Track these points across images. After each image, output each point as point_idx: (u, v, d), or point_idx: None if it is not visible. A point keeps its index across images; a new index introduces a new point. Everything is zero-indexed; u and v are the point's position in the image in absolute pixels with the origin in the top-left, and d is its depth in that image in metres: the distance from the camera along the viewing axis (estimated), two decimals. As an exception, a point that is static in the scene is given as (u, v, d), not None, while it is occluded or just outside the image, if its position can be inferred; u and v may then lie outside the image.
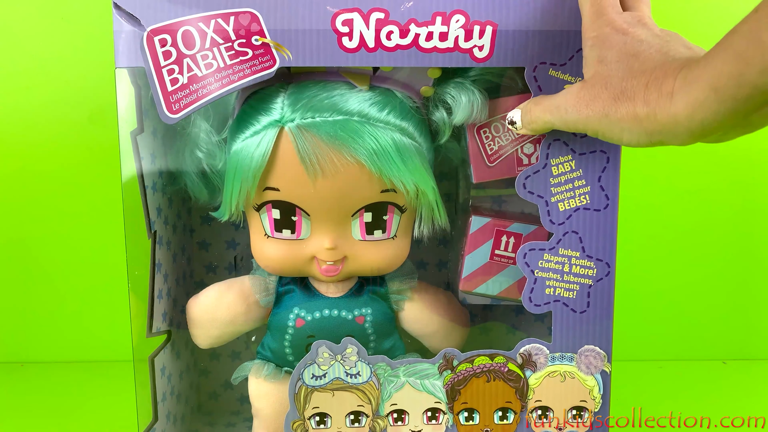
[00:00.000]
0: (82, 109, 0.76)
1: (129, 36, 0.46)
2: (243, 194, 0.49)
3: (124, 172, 0.49)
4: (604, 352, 0.51)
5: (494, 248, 0.54)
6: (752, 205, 0.80)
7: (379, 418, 0.52)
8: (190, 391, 0.64)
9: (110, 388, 0.72)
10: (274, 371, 0.54)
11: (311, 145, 0.47)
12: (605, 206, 0.49)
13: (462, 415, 0.52)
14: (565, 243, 0.50)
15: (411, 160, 0.49)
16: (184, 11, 0.45)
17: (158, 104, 0.46)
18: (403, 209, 0.51)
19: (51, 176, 0.77)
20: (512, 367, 0.51)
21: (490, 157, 0.52)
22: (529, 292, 0.50)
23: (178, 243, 0.59)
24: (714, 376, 0.77)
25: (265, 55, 0.46)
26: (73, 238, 0.78)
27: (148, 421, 0.52)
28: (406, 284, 0.55)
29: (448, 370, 0.51)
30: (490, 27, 0.46)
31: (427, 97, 0.52)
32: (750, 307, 0.82)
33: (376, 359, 0.51)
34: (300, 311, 0.53)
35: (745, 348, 0.82)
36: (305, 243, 0.51)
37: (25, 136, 0.77)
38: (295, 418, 0.51)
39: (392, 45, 0.46)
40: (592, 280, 0.50)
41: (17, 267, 0.79)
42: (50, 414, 0.68)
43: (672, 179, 0.79)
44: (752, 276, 0.81)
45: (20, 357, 0.80)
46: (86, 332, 0.80)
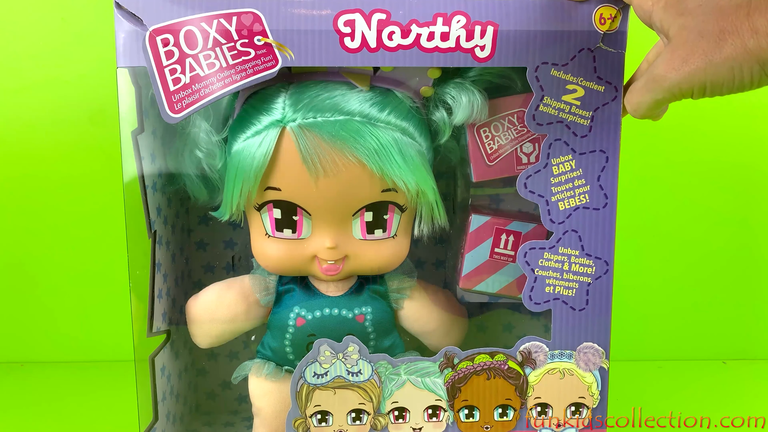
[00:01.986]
0: (83, 109, 0.76)
1: (130, 36, 0.46)
2: (244, 194, 0.50)
3: (125, 172, 0.49)
4: (602, 349, 0.51)
5: (494, 246, 0.54)
6: (752, 204, 0.80)
7: (380, 416, 0.52)
8: (189, 391, 0.64)
9: (110, 388, 0.72)
10: (274, 370, 0.54)
11: (313, 144, 0.47)
12: (604, 205, 0.50)
13: (462, 413, 0.52)
14: (565, 242, 0.50)
15: (412, 160, 0.49)
16: (186, 11, 0.46)
17: (160, 104, 0.46)
18: (403, 208, 0.51)
19: (51, 176, 0.77)
20: (512, 365, 0.51)
21: (490, 156, 0.53)
22: (529, 290, 0.50)
23: (176, 243, 0.59)
24: (714, 376, 0.77)
25: (267, 55, 0.46)
26: (73, 238, 0.78)
27: (149, 420, 0.52)
28: (405, 283, 0.55)
29: (449, 368, 0.51)
30: (491, 27, 0.46)
31: (427, 97, 0.52)
32: (750, 307, 0.82)
33: (377, 357, 0.51)
34: (300, 310, 0.53)
35: (745, 348, 0.82)
36: (306, 242, 0.51)
37: (25, 136, 0.77)
38: (297, 416, 0.51)
39: (394, 45, 0.46)
40: (591, 278, 0.50)
41: (17, 267, 0.79)
42: (50, 414, 0.68)
43: (671, 178, 0.79)
44: (752, 276, 0.81)
45: (20, 357, 0.80)
46: (86, 332, 0.80)
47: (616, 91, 0.48)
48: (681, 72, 0.39)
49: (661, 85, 0.40)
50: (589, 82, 0.48)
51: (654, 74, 0.40)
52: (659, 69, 0.40)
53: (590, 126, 0.48)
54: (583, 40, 0.47)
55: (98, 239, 0.78)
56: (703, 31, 0.37)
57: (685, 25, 0.38)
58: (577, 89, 0.48)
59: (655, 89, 0.41)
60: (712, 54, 0.37)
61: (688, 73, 0.38)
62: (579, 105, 0.48)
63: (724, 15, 0.37)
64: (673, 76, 0.39)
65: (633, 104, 0.43)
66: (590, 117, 0.48)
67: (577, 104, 0.48)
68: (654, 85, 0.41)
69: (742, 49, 0.36)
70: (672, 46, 0.39)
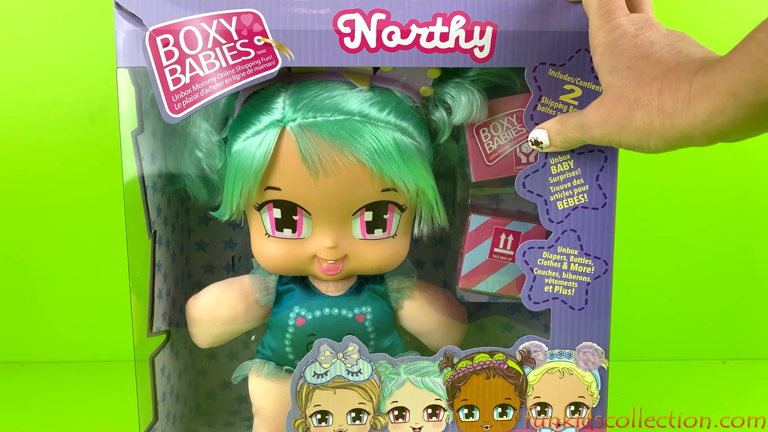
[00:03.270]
0: (83, 109, 0.76)
1: (130, 36, 0.46)
2: (244, 194, 0.50)
3: (125, 172, 0.49)
4: (601, 348, 0.51)
5: (493, 246, 0.54)
6: (752, 203, 0.80)
7: (380, 416, 0.52)
8: (189, 391, 0.64)
9: (110, 388, 0.72)
10: (274, 370, 0.54)
11: (313, 144, 0.47)
12: (603, 205, 0.50)
13: (462, 412, 0.52)
14: (564, 241, 0.50)
15: (411, 160, 0.49)
16: (186, 11, 0.46)
17: (160, 104, 0.46)
18: (403, 208, 0.51)
19: (51, 176, 0.77)
20: (512, 364, 0.51)
21: (489, 156, 0.53)
22: (528, 290, 0.50)
23: (176, 243, 0.59)
24: (714, 376, 0.77)
25: (267, 55, 0.46)
26: (73, 238, 0.78)
27: (149, 420, 0.52)
28: (405, 283, 0.55)
29: (449, 368, 0.51)
30: (491, 27, 0.47)
31: (426, 97, 0.52)
32: (750, 307, 0.82)
33: (377, 357, 0.51)
34: (300, 310, 0.53)
35: (745, 348, 0.82)
36: (306, 242, 0.51)
37: (26, 136, 0.77)
38: (297, 416, 0.51)
39: (393, 45, 0.46)
40: (590, 278, 0.50)
41: (17, 267, 0.79)
42: (50, 414, 0.68)
43: (671, 178, 0.79)
44: (752, 276, 0.81)
45: (20, 357, 0.80)
46: (86, 332, 0.80)
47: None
48: (602, 129, 0.42)
49: (586, 132, 0.44)
50: (587, 82, 0.48)
51: (581, 122, 0.44)
52: (587, 119, 0.43)
53: (589, 126, 0.49)
54: (581, 41, 0.47)
55: (98, 239, 0.78)
56: (622, 95, 0.40)
57: (612, 85, 0.41)
58: (575, 89, 0.48)
59: (581, 132, 0.44)
60: (625, 121, 0.40)
61: (606, 130, 0.42)
62: (577, 105, 0.48)
63: (641, 85, 0.39)
64: (596, 129, 0.43)
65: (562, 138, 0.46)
66: (589, 117, 0.48)
67: (575, 104, 0.48)
68: (581, 129, 0.44)
69: (648, 124, 0.39)
70: (599, 100, 0.42)
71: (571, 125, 0.45)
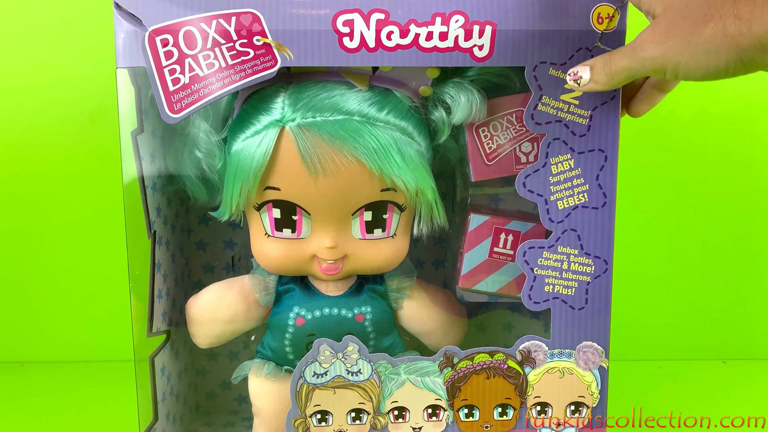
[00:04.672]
0: (83, 110, 0.76)
1: (130, 36, 0.46)
2: (244, 194, 0.50)
3: (125, 173, 0.49)
4: (602, 348, 0.51)
5: (493, 246, 0.54)
6: (752, 203, 0.80)
7: (380, 416, 0.52)
8: (189, 391, 0.64)
9: (110, 388, 0.72)
10: (274, 370, 0.54)
11: (312, 144, 0.47)
12: (603, 204, 0.50)
13: (462, 412, 0.52)
14: (564, 241, 0.50)
15: (411, 159, 0.49)
16: (185, 12, 0.46)
17: (160, 104, 0.46)
18: (402, 208, 0.51)
19: (51, 176, 0.77)
20: (512, 364, 0.51)
21: (489, 156, 0.53)
22: (529, 289, 0.50)
23: (176, 243, 0.59)
24: (714, 376, 0.77)
25: (266, 55, 0.46)
26: (73, 238, 0.78)
27: (149, 420, 0.52)
28: (405, 282, 0.55)
29: (449, 368, 0.51)
30: (490, 27, 0.47)
31: (426, 97, 0.52)
32: (750, 307, 0.82)
33: (377, 357, 0.51)
34: (300, 310, 0.53)
35: (745, 348, 0.82)
36: (306, 242, 0.51)
37: (25, 136, 0.77)
38: (297, 416, 0.51)
39: (392, 45, 0.46)
40: (590, 277, 0.50)
41: (17, 267, 0.79)
42: (50, 414, 0.68)
43: (670, 177, 0.79)
44: (752, 276, 0.81)
45: (20, 357, 0.80)
46: (86, 332, 0.80)
47: (614, 90, 0.48)
48: (659, 46, 0.40)
49: (638, 54, 0.41)
50: (588, 81, 0.48)
51: (634, 44, 0.41)
52: (639, 39, 0.41)
53: (589, 125, 0.49)
54: (581, 40, 0.47)
55: (98, 239, 0.78)
56: (686, 14, 0.39)
57: (671, 5, 0.40)
58: (576, 88, 0.48)
59: (632, 57, 0.41)
60: (691, 35, 0.38)
61: (666, 49, 0.39)
62: (577, 104, 0.48)
63: (708, 1, 0.38)
64: (651, 48, 0.40)
65: (607, 70, 0.43)
66: (589, 116, 0.48)
67: (575, 103, 0.48)
68: (632, 53, 0.41)
69: (722, 33, 0.37)
70: (655, 22, 0.40)
71: (620, 54, 0.42)
